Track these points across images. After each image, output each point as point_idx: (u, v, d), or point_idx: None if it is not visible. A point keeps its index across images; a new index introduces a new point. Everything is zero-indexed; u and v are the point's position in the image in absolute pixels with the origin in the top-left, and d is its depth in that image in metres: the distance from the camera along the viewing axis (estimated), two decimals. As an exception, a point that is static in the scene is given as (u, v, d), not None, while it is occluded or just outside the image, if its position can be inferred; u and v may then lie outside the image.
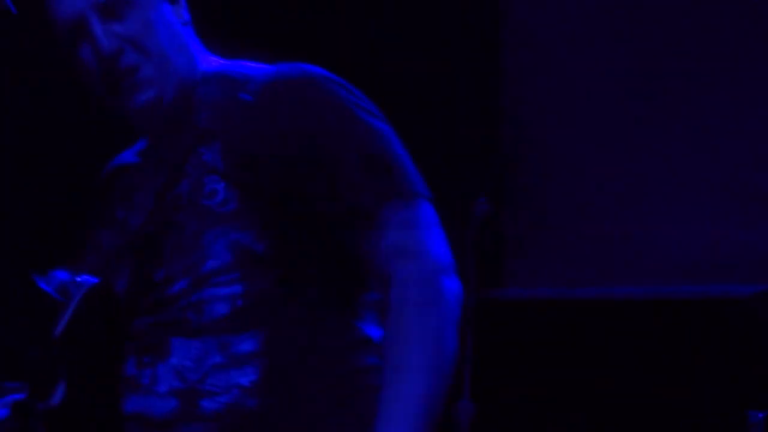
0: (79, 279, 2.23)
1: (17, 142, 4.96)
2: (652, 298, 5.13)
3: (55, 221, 3.77)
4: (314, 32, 5.43)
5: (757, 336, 4.21)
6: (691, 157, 5.21)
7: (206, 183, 2.30)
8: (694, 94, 5.28)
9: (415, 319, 2.21)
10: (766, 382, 4.23)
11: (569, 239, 5.37)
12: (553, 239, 5.38)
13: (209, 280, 2.29)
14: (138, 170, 2.50)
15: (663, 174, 5.26)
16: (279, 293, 2.23)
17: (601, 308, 5.23)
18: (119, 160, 2.62)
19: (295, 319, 2.23)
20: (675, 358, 5.01)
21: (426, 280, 2.22)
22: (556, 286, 5.36)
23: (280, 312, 2.22)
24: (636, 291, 5.17)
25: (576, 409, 5.16)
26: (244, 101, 2.32)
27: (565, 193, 5.39)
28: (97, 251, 2.44)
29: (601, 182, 5.33)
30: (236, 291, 2.26)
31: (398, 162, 2.26)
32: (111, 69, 2.27)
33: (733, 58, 5.20)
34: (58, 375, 2.24)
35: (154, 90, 2.30)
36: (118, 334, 2.27)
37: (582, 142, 5.37)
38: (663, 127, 5.24)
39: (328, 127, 2.25)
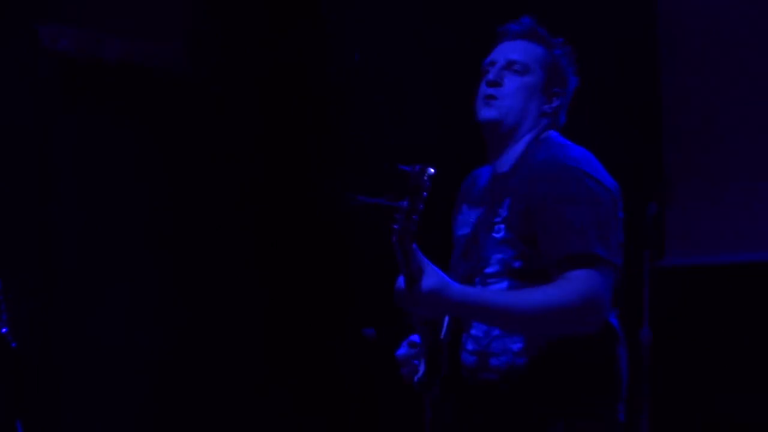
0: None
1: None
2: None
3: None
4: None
5: None
6: None
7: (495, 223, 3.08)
8: None
9: (546, 292, 2.87)
10: None
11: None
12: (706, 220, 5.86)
13: (487, 279, 3.05)
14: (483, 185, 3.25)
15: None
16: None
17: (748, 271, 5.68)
18: (477, 172, 3.37)
19: None
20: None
21: (576, 293, 2.86)
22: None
23: None
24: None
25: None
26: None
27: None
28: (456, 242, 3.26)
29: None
30: (503, 287, 3.01)
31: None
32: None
33: None
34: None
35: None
36: None
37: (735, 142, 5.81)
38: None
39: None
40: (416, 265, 2.78)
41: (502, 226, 3.03)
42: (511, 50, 3.19)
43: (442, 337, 3.00)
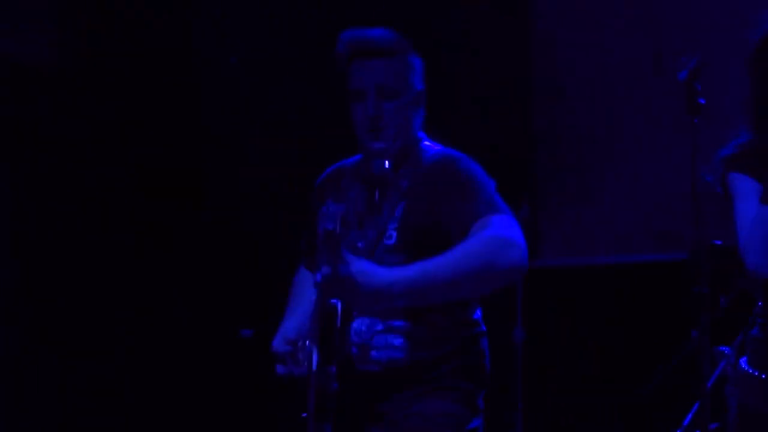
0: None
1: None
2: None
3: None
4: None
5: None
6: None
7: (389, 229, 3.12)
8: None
9: (476, 243, 2.85)
10: None
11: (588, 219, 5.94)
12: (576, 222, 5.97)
13: None
14: (351, 178, 3.26)
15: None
16: None
17: (615, 271, 5.83)
18: (339, 165, 3.38)
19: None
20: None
21: (495, 237, 2.86)
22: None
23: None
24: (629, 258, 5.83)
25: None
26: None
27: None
28: (312, 236, 3.17)
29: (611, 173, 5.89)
30: None
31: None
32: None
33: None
34: None
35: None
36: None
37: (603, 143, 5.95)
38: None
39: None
40: (340, 255, 2.80)
41: (394, 233, 3.11)
42: (376, 75, 3.24)
43: (338, 326, 2.97)
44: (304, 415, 2.97)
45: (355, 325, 3.13)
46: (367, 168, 3.25)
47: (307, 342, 3.10)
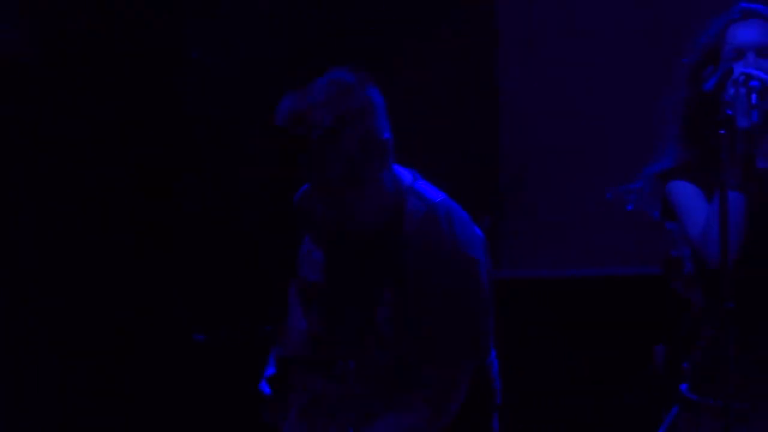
0: None
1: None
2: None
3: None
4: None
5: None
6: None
7: None
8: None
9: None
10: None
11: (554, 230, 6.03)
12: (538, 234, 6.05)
13: None
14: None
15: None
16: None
17: (578, 286, 5.94)
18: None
19: None
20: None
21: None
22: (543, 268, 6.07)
23: None
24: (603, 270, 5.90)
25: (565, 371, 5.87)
26: None
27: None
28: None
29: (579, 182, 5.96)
30: None
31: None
32: None
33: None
34: None
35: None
36: None
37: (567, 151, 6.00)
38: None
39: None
40: None
41: (383, 318, 2.87)
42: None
43: None
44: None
45: None
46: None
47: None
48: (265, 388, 3.01)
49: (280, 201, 3.29)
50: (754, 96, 2.86)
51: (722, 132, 2.79)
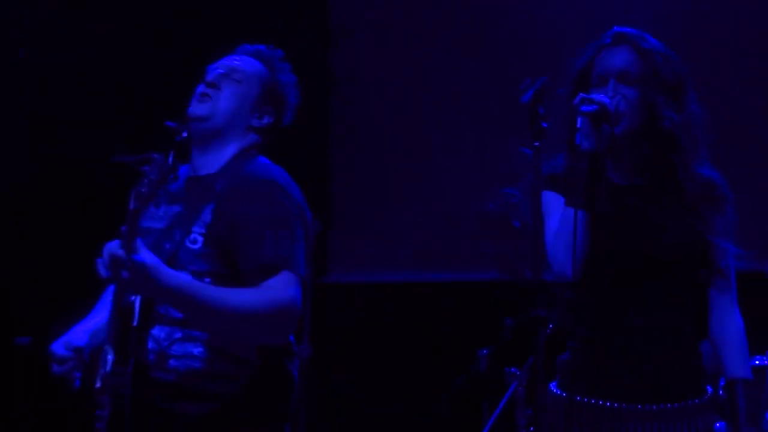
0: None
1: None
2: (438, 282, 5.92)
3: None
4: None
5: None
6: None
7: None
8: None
9: (261, 301, 2.95)
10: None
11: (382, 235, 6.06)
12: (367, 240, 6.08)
13: None
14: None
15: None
16: None
17: (403, 290, 6.00)
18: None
19: None
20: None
21: (278, 305, 2.96)
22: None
23: None
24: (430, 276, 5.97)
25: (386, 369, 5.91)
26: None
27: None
28: None
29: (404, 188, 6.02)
30: None
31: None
32: None
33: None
34: None
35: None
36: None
37: (394, 159, 6.04)
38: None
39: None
40: (135, 240, 2.82)
41: (200, 237, 3.10)
42: (235, 60, 3.34)
43: (134, 325, 2.99)
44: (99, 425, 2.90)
45: (153, 331, 3.06)
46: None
47: (104, 347, 3.01)
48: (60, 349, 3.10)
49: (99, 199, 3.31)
50: (579, 120, 2.96)
51: (536, 144, 2.88)
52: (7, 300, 5.74)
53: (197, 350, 3.06)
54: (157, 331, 3.08)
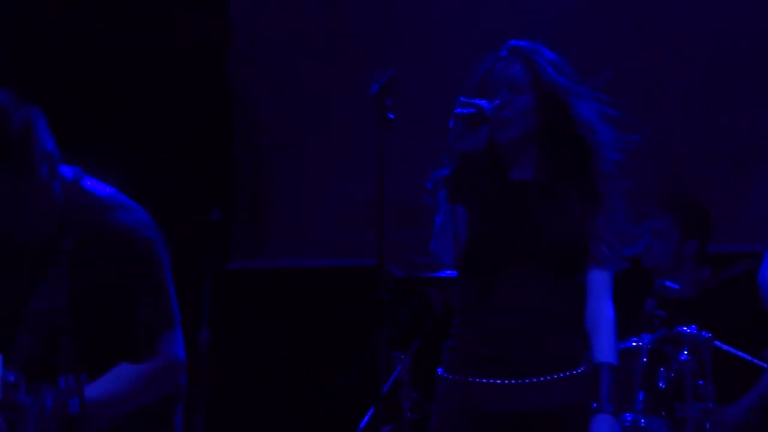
0: None
1: None
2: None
3: None
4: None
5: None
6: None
7: None
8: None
9: (152, 380, 3.02)
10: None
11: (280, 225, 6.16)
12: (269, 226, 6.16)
13: None
14: None
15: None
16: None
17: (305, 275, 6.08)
18: None
19: None
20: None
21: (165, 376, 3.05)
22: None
23: None
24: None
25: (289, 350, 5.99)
26: None
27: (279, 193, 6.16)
28: None
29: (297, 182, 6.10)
30: None
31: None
32: None
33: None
34: None
35: None
36: None
37: (292, 154, 6.13)
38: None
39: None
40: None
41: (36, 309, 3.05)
42: None
43: None
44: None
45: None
46: None
47: None
48: None
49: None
50: (451, 122, 3.12)
51: (384, 134, 3.02)
52: None
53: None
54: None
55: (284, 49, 6.19)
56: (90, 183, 3.11)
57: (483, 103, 3.16)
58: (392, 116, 3.11)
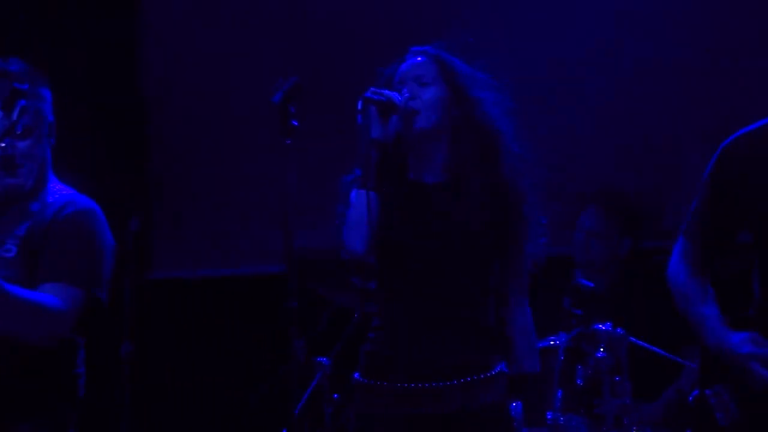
0: None
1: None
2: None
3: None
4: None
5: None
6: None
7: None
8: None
9: (46, 303, 3.28)
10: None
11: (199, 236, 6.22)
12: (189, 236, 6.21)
13: None
14: None
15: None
16: None
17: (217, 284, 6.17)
18: None
19: None
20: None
21: (54, 310, 3.28)
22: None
23: None
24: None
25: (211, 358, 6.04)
26: None
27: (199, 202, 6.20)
28: None
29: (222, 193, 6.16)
30: None
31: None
32: None
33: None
34: None
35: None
36: None
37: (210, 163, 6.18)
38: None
39: None
40: None
41: (14, 247, 3.36)
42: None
43: None
44: None
45: None
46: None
47: None
48: None
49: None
50: (359, 103, 3.22)
51: (287, 142, 3.05)
52: None
53: None
54: None
55: (197, 57, 6.18)
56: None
57: (392, 94, 3.23)
58: (296, 123, 3.14)
